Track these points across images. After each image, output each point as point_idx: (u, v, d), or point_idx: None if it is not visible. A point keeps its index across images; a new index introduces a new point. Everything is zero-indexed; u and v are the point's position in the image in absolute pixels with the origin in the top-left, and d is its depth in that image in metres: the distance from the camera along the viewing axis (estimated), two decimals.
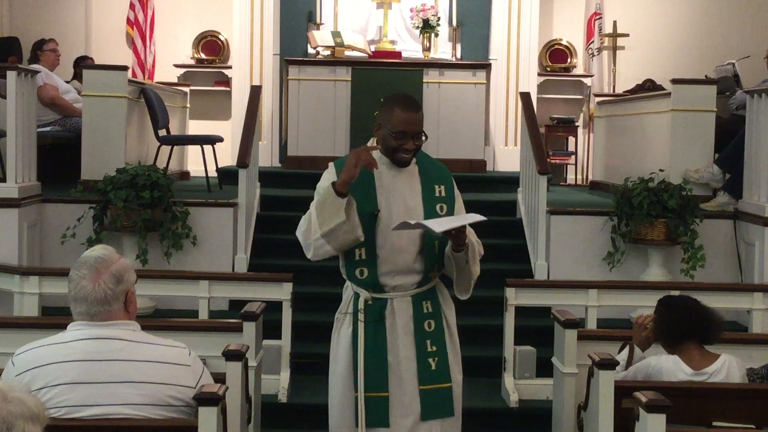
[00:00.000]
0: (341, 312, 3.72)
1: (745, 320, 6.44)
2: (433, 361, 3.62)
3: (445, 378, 3.64)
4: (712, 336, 3.98)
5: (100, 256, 2.96)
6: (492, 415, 5.83)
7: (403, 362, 3.60)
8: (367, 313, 3.61)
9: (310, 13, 10.42)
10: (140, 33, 11.04)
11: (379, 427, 3.58)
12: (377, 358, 3.59)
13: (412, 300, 3.63)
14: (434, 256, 3.64)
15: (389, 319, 3.61)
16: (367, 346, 3.59)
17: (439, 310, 3.69)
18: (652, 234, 6.86)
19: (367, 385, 3.58)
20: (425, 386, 3.60)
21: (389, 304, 3.61)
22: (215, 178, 8.42)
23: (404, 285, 3.62)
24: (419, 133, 3.59)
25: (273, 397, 5.73)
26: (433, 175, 3.70)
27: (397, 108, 3.56)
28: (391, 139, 3.57)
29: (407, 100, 3.62)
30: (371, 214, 3.55)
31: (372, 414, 3.57)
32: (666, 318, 4.01)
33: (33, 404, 2.09)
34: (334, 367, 3.71)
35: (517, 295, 5.87)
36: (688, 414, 3.66)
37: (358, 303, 3.63)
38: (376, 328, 3.60)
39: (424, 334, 3.63)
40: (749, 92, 7.15)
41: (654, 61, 11.06)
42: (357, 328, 3.61)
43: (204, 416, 2.96)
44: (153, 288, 6.01)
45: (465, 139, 9.43)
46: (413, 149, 3.59)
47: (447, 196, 3.68)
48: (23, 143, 6.72)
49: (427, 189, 3.67)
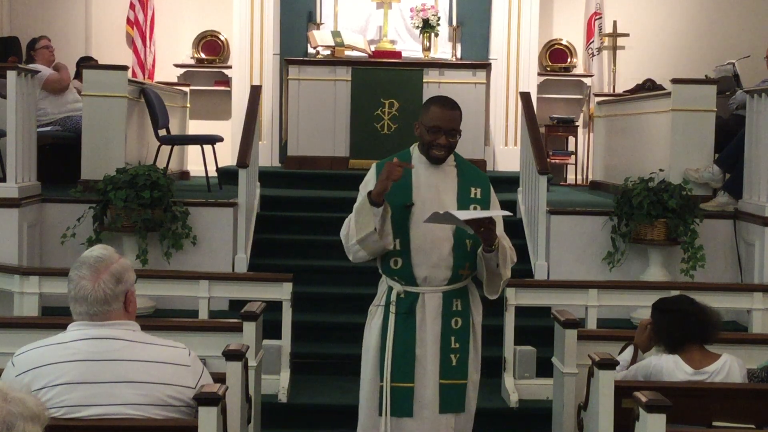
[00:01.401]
0: (374, 305, 3.87)
1: (745, 320, 6.44)
2: (455, 357, 3.78)
3: (463, 375, 3.79)
4: (710, 335, 3.98)
5: (99, 256, 2.96)
6: (492, 415, 5.82)
7: (429, 355, 3.74)
8: (399, 305, 3.76)
9: (310, 13, 10.42)
10: (140, 33, 11.04)
11: (403, 416, 3.73)
12: (405, 349, 3.74)
13: (442, 296, 3.77)
14: (466, 254, 3.76)
15: (419, 313, 3.76)
16: (397, 337, 3.75)
17: (468, 310, 3.83)
18: (652, 234, 6.86)
19: (394, 375, 3.73)
20: (444, 380, 3.76)
21: (420, 298, 3.76)
22: (215, 178, 8.42)
23: (435, 279, 3.75)
24: (453, 130, 3.79)
25: (273, 397, 5.73)
26: (471, 178, 3.90)
27: (434, 105, 3.81)
28: (426, 135, 3.77)
29: (445, 98, 3.86)
30: (404, 206, 3.72)
31: (397, 403, 3.73)
32: (662, 323, 4.00)
33: (33, 404, 2.09)
34: (365, 356, 3.86)
35: (517, 295, 5.87)
36: (688, 414, 3.66)
37: (390, 295, 3.78)
38: (406, 321, 3.75)
39: (449, 331, 3.77)
40: (749, 92, 7.15)
41: (654, 61, 11.06)
42: (387, 320, 3.77)
43: (204, 416, 2.96)
44: (153, 288, 6.01)
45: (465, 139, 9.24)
46: (446, 145, 3.78)
47: (483, 198, 3.86)
48: (23, 143, 6.72)
49: (463, 189, 3.84)
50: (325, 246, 7.01)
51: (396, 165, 3.62)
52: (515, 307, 5.87)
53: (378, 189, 3.62)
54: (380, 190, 3.61)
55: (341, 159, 9.28)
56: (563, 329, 4.60)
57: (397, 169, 3.60)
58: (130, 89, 7.76)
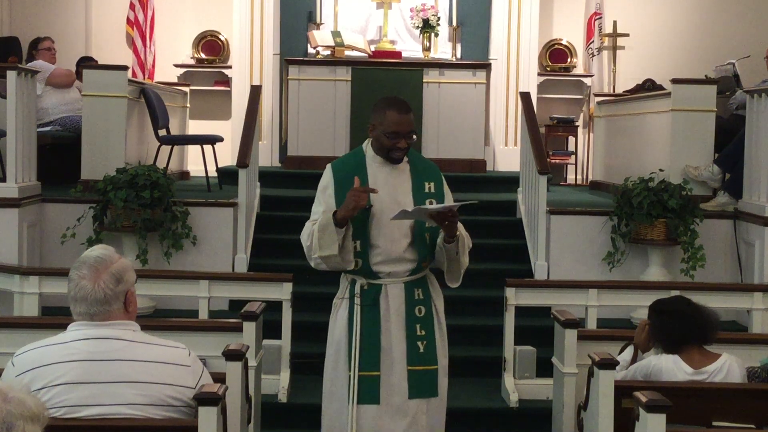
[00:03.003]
0: (338, 297, 3.99)
1: (745, 320, 6.44)
2: (422, 344, 3.89)
3: (432, 361, 3.91)
4: (708, 336, 3.98)
5: (99, 256, 2.96)
6: (492, 415, 5.83)
7: (394, 344, 3.86)
8: (363, 297, 3.88)
9: (310, 13, 10.42)
10: (140, 33, 11.04)
11: (370, 403, 3.84)
12: (371, 339, 3.86)
13: (404, 286, 3.89)
14: (425, 247, 3.90)
15: (383, 304, 3.88)
16: (363, 328, 3.86)
17: (429, 298, 3.95)
18: (652, 234, 6.86)
19: (361, 364, 3.84)
20: (413, 367, 3.87)
21: (383, 289, 3.88)
22: (215, 178, 8.42)
23: (397, 272, 3.89)
24: (411, 133, 3.88)
25: (273, 397, 5.73)
26: (424, 173, 3.99)
27: (389, 110, 3.86)
28: (385, 139, 3.86)
29: (399, 102, 3.92)
30: (364, 208, 3.79)
31: (364, 391, 3.84)
32: (660, 325, 4.00)
33: (33, 404, 2.09)
34: (329, 348, 3.98)
35: (517, 295, 5.87)
36: (688, 414, 3.66)
37: (354, 288, 3.90)
38: (371, 312, 3.87)
39: (414, 319, 3.90)
40: (749, 92, 7.15)
41: (654, 61, 11.06)
42: (353, 311, 3.88)
43: (204, 416, 2.96)
44: (153, 288, 6.01)
45: (465, 139, 9.43)
46: (405, 147, 3.88)
47: (437, 192, 3.95)
48: (23, 143, 6.72)
49: (417, 185, 3.94)
50: None
51: (360, 192, 3.71)
52: (515, 307, 5.86)
53: (344, 214, 3.73)
54: (346, 216, 3.72)
55: None
56: (563, 329, 4.60)
57: (363, 197, 3.72)
58: (130, 89, 7.76)
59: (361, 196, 3.72)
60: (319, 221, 3.81)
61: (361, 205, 3.73)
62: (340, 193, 3.85)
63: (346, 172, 3.91)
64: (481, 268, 7.13)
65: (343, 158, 4.10)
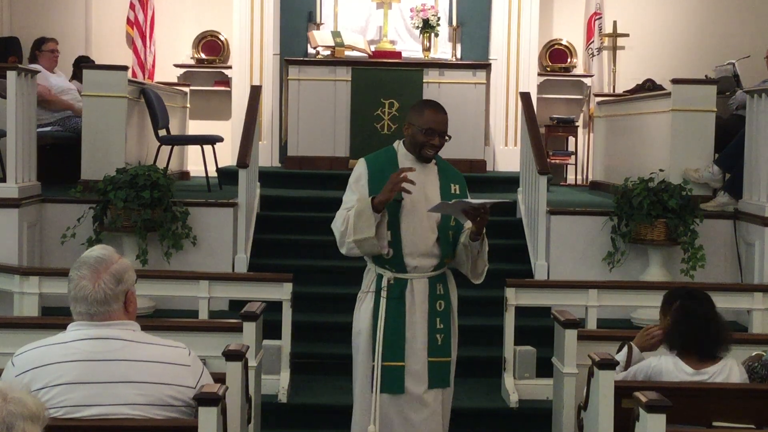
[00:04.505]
0: (363, 291, 4.18)
1: (745, 320, 6.44)
2: (440, 337, 4.12)
3: (447, 353, 4.15)
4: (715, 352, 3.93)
5: (99, 256, 2.96)
6: (492, 415, 5.83)
7: (418, 336, 4.07)
8: (390, 291, 4.07)
9: (310, 13, 10.42)
10: (140, 33, 11.04)
11: (395, 393, 4.04)
12: (396, 330, 4.06)
13: (428, 281, 4.11)
14: (449, 244, 4.13)
15: (408, 297, 4.09)
16: (388, 320, 4.06)
17: (448, 293, 4.18)
18: (652, 234, 6.86)
19: (385, 355, 4.03)
20: (432, 358, 4.09)
21: (409, 284, 4.09)
22: (215, 178, 8.42)
23: (423, 266, 4.10)
24: (444, 133, 4.12)
25: (273, 397, 5.73)
26: (450, 175, 4.25)
27: (428, 109, 4.14)
28: (421, 136, 4.09)
29: (437, 104, 4.21)
30: (396, 201, 4.01)
31: (388, 381, 4.04)
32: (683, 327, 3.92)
33: (33, 404, 2.09)
34: (356, 339, 4.19)
35: (517, 295, 5.87)
36: (688, 414, 3.65)
37: (381, 282, 4.09)
38: (397, 305, 4.07)
39: (435, 313, 4.12)
40: (749, 92, 7.15)
41: (654, 61, 11.06)
42: (379, 304, 4.08)
43: (204, 416, 2.96)
44: (153, 288, 6.02)
45: (465, 139, 9.42)
46: (438, 145, 4.11)
47: (461, 194, 4.21)
48: (23, 143, 6.72)
49: (444, 185, 4.19)
50: (325, 246, 6.98)
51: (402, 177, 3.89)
52: (515, 307, 5.87)
53: (381, 199, 3.92)
54: (384, 200, 3.92)
55: (341, 159, 9.28)
56: (563, 329, 4.60)
57: (403, 179, 3.89)
58: (130, 89, 7.76)
59: (402, 180, 3.89)
60: (355, 207, 3.99)
61: (400, 188, 3.90)
62: (373, 184, 4.05)
63: (379, 164, 4.14)
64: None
65: (376, 153, 4.28)
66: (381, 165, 4.12)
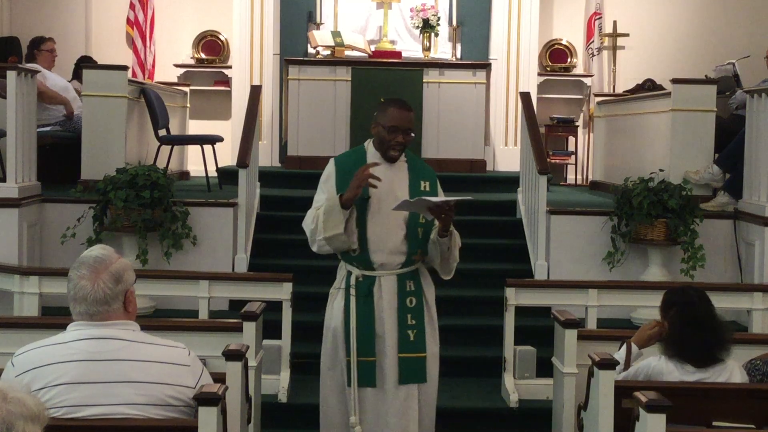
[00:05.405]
0: (335, 287, 4.24)
1: (745, 320, 6.43)
2: (412, 333, 4.14)
3: (421, 349, 4.15)
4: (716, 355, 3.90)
5: (99, 255, 2.95)
6: (492, 415, 5.83)
7: (387, 332, 4.11)
8: (358, 288, 4.12)
9: (310, 13, 10.41)
10: (140, 33, 11.04)
11: (367, 386, 4.11)
12: (366, 327, 4.11)
13: (397, 278, 4.14)
14: (417, 241, 4.14)
15: (377, 295, 4.13)
16: (358, 317, 4.11)
17: (420, 289, 4.19)
18: (652, 234, 6.86)
19: (358, 350, 4.09)
20: (403, 354, 4.12)
21: (377, 281, 4.13)
22: (215, 178, 8.42)
23: (390, 264, 4.13)
24: (409, 130, 4.15)
25: (273, 397, 5.73)
26: (421, 172, 4.25)
27: (391, 107, 4.16)
28: (385, 133, 4.13)
29: (401, 101, 4.24)
30: (363, 199, 4.06)
31: (362, 375, 4.10)
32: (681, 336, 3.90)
33: (33, 404, 2.09)
34: (326, 334, 4.23)
35: (517, 295, 5.87)
36: (688, 414, 3.65)
37: (350, 279, 4.15)
38: (366, 302, 4.11)
39: (405, 309, 4.15)
40: (749, 92, 7.15)
41: (654, 61, 11.06)
42: (349, 302, 4.13)
43: (204, 416, 2.96)
44: (153, 288, 6.01)
45: (465, 139, 9.43)
46: (402, 143, 4.14)
47: (431, 191, 4.21)
48: (23, 143, 6.72)
49: (413, 183, 4.20)
50: None
51: (367, 174, 3.96)
52: (515, 307, 5.86)
53: (348, 195, 3.98)
54: (351, 197, 3.98)
55: None
56: (563, 329, 4.60)
57: (367, 173, 3.96)
58: (130, 89, 7.76)
59: (367, 174, 3.95)
60: (324, 205, 4.06)
61: (365, 183, 3.95)
62: (341, 183, 4.09)
63: (348, 164, 4.18)
64: (481, 268, 7.14)
65: (345, 153, 4.40)
66: (349, 164, 4.16)
